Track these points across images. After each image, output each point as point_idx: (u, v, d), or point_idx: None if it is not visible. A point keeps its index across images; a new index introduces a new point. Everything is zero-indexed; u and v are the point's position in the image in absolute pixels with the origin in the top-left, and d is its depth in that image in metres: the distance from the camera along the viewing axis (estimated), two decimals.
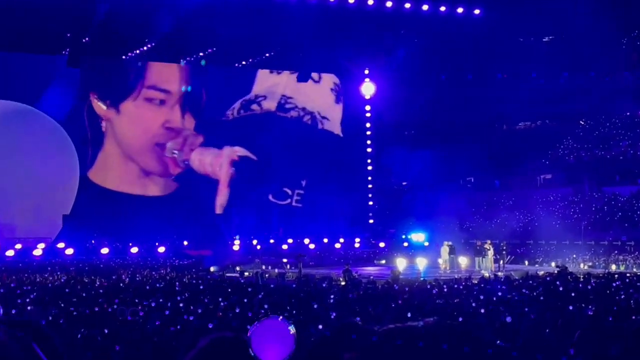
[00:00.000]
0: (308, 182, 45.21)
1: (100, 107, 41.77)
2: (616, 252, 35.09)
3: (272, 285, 23.64)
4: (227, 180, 44.52)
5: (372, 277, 27.27)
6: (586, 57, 44.02)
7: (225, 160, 44.54)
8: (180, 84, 43.36)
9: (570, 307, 14.46)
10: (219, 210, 44.16)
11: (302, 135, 44.78)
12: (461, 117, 47.34)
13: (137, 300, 17.81)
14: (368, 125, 48.45)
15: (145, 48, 40.79)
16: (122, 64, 42.14)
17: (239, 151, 44.63)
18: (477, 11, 41.75)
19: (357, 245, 44.58)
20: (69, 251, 37.53)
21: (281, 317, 2.36)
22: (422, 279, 27.23)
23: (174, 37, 38.58)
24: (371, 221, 48.22)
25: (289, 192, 45.47)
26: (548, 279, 23.89)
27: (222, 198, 44.52)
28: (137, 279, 26.84)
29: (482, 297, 17.81)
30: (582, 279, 23.12)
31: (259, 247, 41.22)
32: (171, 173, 43.29)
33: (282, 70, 45.78)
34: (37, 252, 36.98)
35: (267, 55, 43.87)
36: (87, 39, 38.71)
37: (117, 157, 41.99)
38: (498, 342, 1.67)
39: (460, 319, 13.55)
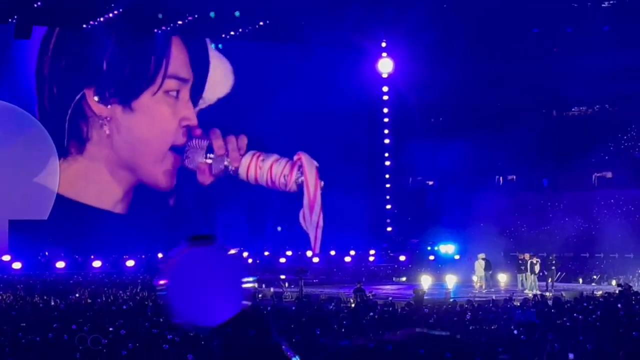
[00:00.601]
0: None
1: (99, 105, 41.07)
2: None
3: (268, 308, 23.67)
4: (318, 195, 44.13)
5: (390, 298, 27.31)
6: None
7: (310, 171, 44.06)
8: (191, 67, 43.08)
9: (635, 334, 14.46)
10: (313, 235, 43.91)
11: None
12: (501, 100, 47.22)
13: (98, 325, 17.86)
14: (385, 110, 48.43)
15: (111, 15, 40.74)
16: (141, 44, 41.39)
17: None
18: None
19: (371, 258, 44.59)
20: (17, 265, 37.60)
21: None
22: (452, 300, 27.28)
23: (147, 3, 38.59)
24: (389, 229, 48.24)
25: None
26: (607, 300, 23.88)
27: (315, 217, 44.09)
28: (100, 300, 26.88)
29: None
30: None
31: (250, 260, 41.26)
32: (200, 182, 42.87)
33: (280, 42, 45.74)
34: None
35: (260, 24, 43.84)
36: (39, 3, 38.76)
37: (104, 167, 41.39)
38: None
39: (500, 349, 13.58)
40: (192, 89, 43.11)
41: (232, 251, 3.04)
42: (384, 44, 47.39)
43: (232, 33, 44.49)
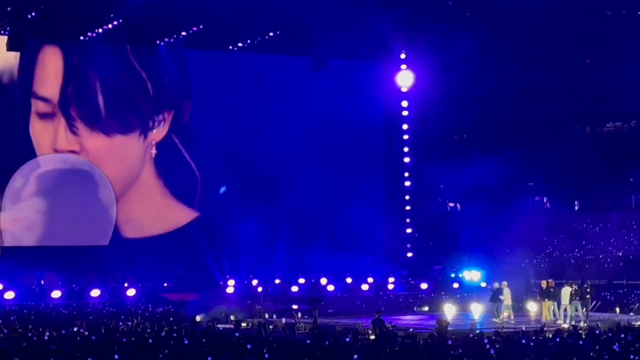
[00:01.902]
0: (321, 199, 44.72)
1: None
2: None
3: (278, 340, 23.61)
4: None
5: (411, 330, 27.22)
6: None
7: None
8: (63, 82, 41.91)
9: None
10: None
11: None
12: (530, 116, 47.20)
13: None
14: (405, 127, 48.38)
15: (112, 25, 40.92)
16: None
17: None
18: None
19: (390, 286, 44.46)
20: (9, 295, 37.63)
21: None
22: (477, 331, 27.15)
23: (149, 13, 38.71)
24: (409, 254, 48.12)
25: None
26: None
27: None
28: (99, 332, 26.88)
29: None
30: None
31: (260, 289, 41.22)
32: None
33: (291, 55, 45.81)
34: None
35: (271, 35, 43.95)
36: (33, 14, 39.01)
37: None
38: None
39: None
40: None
41: None
42: (403, 56, 47.40)
43: (240, 45, 44.62)
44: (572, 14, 43.49)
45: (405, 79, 47.42)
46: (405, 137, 48.35)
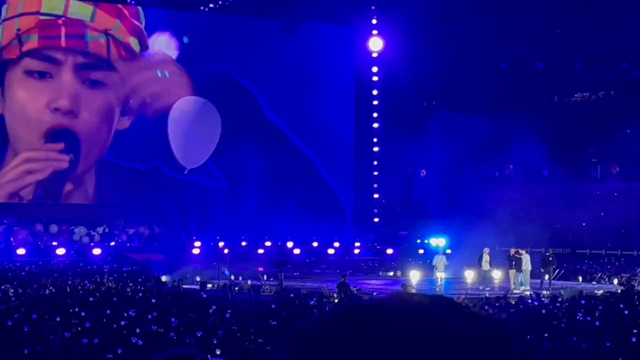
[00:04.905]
0: (289, 162, 44.82)
1: None
2: None
3: (243, 302, 23.70)
4: None
5: (376, 294, 27.37)
6: None
7: None
8: None
9: (634, 340, 14.54)
10: None
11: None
12: (499, 85, 47.30)
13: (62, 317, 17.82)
14: (375, 92, 48.37)
15: None
16: None
17: None
18: None
19: (356, 251, 44.62)
20: None
21: None
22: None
23: None
24: (376, 220, 48.28)
25: None
26: (608, 300, 24.02)
27: None
28: (64, 289, 26.82)
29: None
30: None
31: (226, 250, 41.22)
32: None
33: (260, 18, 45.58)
34: None
35: None
36: None
37: None
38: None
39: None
40: None
41: None
42: (374, 21, 47.26)
43: (210, 5, 44.32)
44: None
45: (376, 44, 47.34)
46: (375, 102, 48.36)
